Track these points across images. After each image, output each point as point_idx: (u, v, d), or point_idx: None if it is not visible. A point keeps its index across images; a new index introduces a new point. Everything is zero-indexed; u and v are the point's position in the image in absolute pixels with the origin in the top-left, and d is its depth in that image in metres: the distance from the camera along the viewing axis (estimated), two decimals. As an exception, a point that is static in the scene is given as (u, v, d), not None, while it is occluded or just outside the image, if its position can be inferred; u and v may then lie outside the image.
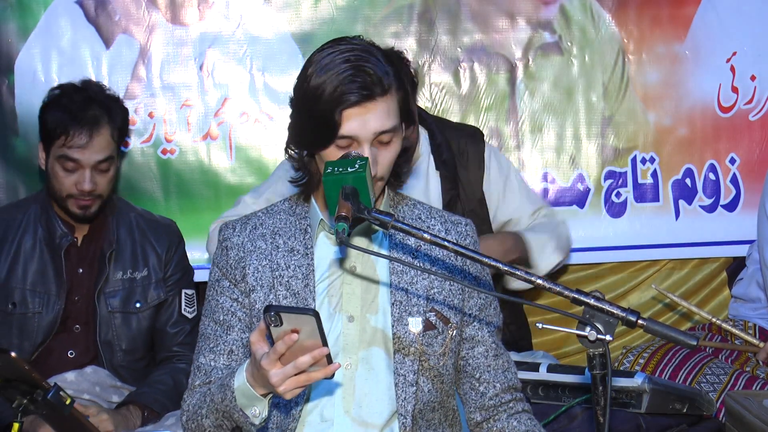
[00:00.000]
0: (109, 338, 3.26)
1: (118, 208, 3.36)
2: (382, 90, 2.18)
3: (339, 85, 2.16)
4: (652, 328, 1.80)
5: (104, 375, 3.20)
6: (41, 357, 3.22)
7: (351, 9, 4.04)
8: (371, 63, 2.19)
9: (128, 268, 3.30)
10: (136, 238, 3.33)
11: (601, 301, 1.82)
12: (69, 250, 3.27)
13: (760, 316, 3.65)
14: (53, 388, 2.37)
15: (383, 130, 2.19)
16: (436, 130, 3.47)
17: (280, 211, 2.38)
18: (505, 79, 4.10)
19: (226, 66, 4.00)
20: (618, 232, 4.14)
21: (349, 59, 2.18)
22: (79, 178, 3.18)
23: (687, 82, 4.14)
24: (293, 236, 2.33)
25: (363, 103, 2.17)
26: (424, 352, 2.27)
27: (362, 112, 2.17)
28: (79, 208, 3.21)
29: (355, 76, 2.16)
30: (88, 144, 3.16)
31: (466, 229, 2.40)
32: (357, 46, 2.22)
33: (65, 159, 3.16)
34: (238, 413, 2.11)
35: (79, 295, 3.27)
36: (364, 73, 2.17)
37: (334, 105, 2.16)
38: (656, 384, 3.00)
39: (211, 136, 4.01)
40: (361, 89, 2.16)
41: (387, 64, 2.21)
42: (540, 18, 4.09)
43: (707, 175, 4.15)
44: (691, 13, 4.13)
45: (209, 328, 2.34)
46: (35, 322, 3.22)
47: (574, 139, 4.13)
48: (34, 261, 3.24)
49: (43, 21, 3.93)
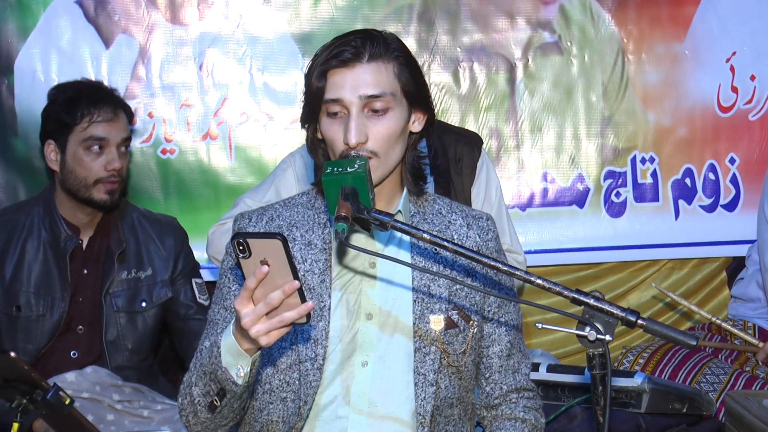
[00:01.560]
0: (115, 338, 3.26)
1: (121, 208, 3.36)
2: (370, 56, 2.17)
3: (327, 52, 2.18)
4: (652, 328, 1.80)
5: (104, 374, 3.20)
6: (43, 358, 3.22)
7: (351, 9, 4.04)
8: (363, 34, 2.19)
9: (132, 268, 3.30)
10: (140, 238, 3.34)
11: (600, 301, 1.82)
12: (74, 252, 3.27)
13: (760, 315, 3.65)
14: (53, 388, 2.37)
15: (370, 95, 2.16)
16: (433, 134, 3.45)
17: (298, 204, 2.34)
18: (504, 79, 4.10)
19: (226, 66, 4.00)
20: (618, 232, 4.14)
21: (343, 35, 2.21)
22: (107, 157, 3.19)
23: (686, 82, 4.14)
24: (311, 229, 2.30)
25: (349, 65, 2.16)
26: (445, 351, 2.25)
27: (346, 74, 2.16)
28: (107, 192, 3.20)
29: (344, 44, 2.17)
30: (114, 119, 3.19)
31: (488, 224, 2.37)
32: (359, 30, 2.24)
33: (92, 140, 3.17)
34: (222, 370, 2.04)
35: (83, 296, 3.27)
36: (353, 40, 2.18)
37: (321, 70, 2.17)
38: (656, 384, 3.00)
39: (211, 136, 4.01)
40: (346, 52, 2.16)
41: (391, 43, 2.20)
42: (540, 18, 4.09)
43: (707, 175, 4.16)
44: (691, 13, 4.13)
45: (218, 315, 2.30)
46: (40, 324, 3.22)
47: (573, 138, 4.13)
48: (38, 264, 3.24)
49: (42, 21, 3.93)
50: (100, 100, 3.18)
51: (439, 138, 3.45)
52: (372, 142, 2.17)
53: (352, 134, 2.15)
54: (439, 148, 3.42)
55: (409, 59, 2.24)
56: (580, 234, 4.10)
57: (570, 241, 4.13)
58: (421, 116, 2.29)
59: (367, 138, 2.17)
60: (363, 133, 2.16)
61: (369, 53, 2.17)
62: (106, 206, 3.23)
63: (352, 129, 2.15)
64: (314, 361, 2.22)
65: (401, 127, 2.22)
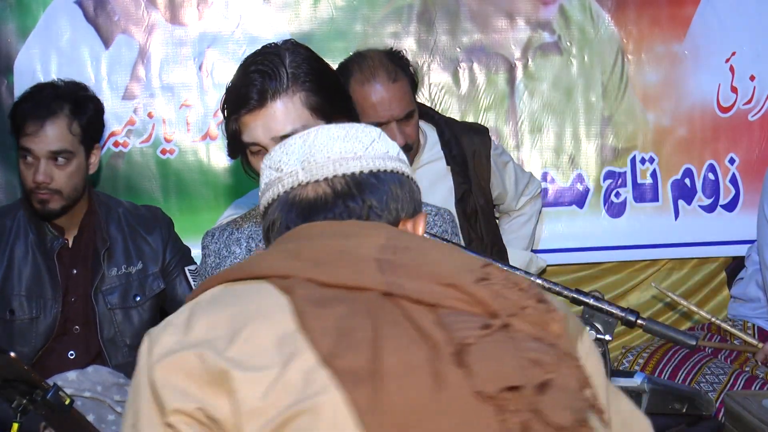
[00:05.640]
0: (112, 335, 3.26)
1: (105, 204, 3.36)
2: (272, 94, 2.15)
3: (234, 97, 2.19)
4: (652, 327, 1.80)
5: (106, 373, 3.19)
6: (41, 360, 3.22)
7: (350, 9, 4.04)
8: (263, 69, 2.17)
9: (122, 264, 3.30)
10: (127, 234, 3.33)
11: (600, 301, 1.82)
12: (61, 252, 3.27)
13: (760, 315, 3.65)
14: (52, 388, 2.37)
15: (282, 135, 2.13)
16: (444, 126, 3.50)
17: (257, 214, 2.37)
18: (504, 79, 4.10)
19: (226, 66, 3.99)
20: (617, 232, 4.14)
21: (249, 67, 2.20)
22: (34, 169, 3.18)
23: (686, 82, 4.14)
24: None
25: (255, 110, 2.15)
26: None
27: (256, 116, 2.16)
28: (38, 202, 3.20)
29: (247, 84, 2.16)
30: (39, 132, 3.16)
31: (434, 219, 2.33)
32: (262, 60, 2.20)
33: (23, 151, 3.19)
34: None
35: (75, 296, 3.27)
36: (255, 80, 2.16)
37: (232, 117, 2.19)
38: (655, 384, 3.00)
39: (211, 136, 4.01)
40: (251, 99, 2.15)
41: (297, 69, 2.17)
42: (539, 18, 4.09)
43: (706, 175, 4.15)
44: (691, 13, 4.12)
45: None
46: (34, 327, 3.22)
47: (573, 139, 4.13)
48: (28, 266, 3.24)
49: (42, 21, 3.93)
50: (33, 111, 3.17)
51: (450, 129, 3.50)
52: None
53: None
54: (452, 139, 3.46)
55: (320, 78, 2.21)
56: (579, 234, 4.10)
57: (570, 241, 4.13)
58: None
59: None
60: None
61: (272, 92, 2.15)
62: (45, 215, 3.23)
63: None
64: None
65: None
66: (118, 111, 3.95)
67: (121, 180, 3.92)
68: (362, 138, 1.49)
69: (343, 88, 2.29)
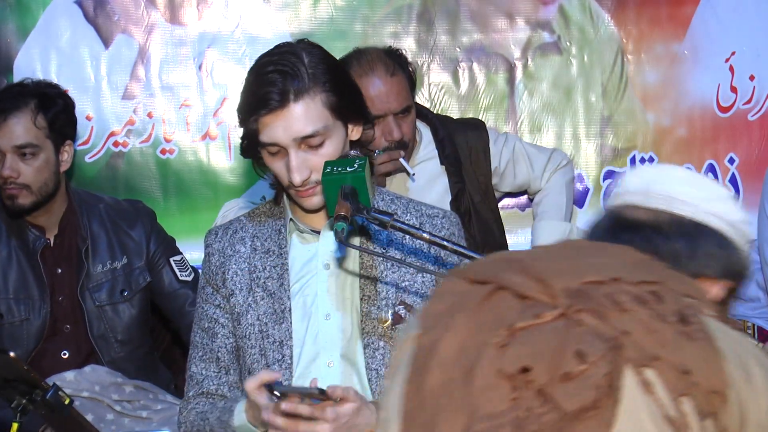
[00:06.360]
0: (102, 332, 3.26)
1: (86, 202, 3.35)
2: (296, 95, 2.16)
3: (253, 98, 2.20)
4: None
5: (103, 373, 3.19)
6: (35, 361, 3.21)
7: (350, 9, 4.04)
8: (283, 69, 2.18)
9: (107, 260, 3.29)
10: (110, 229, 3.32)
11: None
12: (44, 252, 3.26)
13: (760, 315, 3.65)
14: (52, 388, 2.37)
15: (304, 136, 2.17)
16: (439, 125, 3.50)
17: (261, 213, 2.39)
18: (504, 79, 4.10)
19: (225, 66, 4.00)
20: (617, 232, 4.14)
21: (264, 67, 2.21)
22: (1, 164, 3.17)
23: (686, 81, 4.14)
24: (269, 237, 2.34)
25: (277, 110, 2.16)
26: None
27: (277, 117, 2.17)
28: (7, 198, 3.19)
29: (268, 84, 2.17)
30: (2, 127, 3.16)
31: (442, 222, 2.35)
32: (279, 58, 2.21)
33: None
34: None
35: (62, 295, 3.26)
36: (276, 80, 2.17)
37: (251, 117, 2.20)
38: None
39: (210, 136, 4.01)
40: (272, 99, 2.16)
41: (316, 69, 2.18)
42: (539, 18, 4.09)
43: (706, 175, 4.16)
44: (690, 12, 4.12)
45: (197, 336, 2.37)
46: (24, 329, 3.22)
47: (573, 138, 4.13)
48: (13, 269, 3.24)
49: (42, 21, 3.93)
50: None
51: (444, 128, 3.49)
52: (315, 174, 2.19)
53: (295, 175, 2.18)
54: (446, 138, 3.46)
55: (337, 78, 2.23)
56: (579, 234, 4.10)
57: (569, 241, 4.13)
58: (359, 125, 2.29)
59: (311, 172, 2.19)
60: (305, 170, 2.19)
61: (294, 92, 2.16)
62: (15, 211, 3.22)
63: (294, 170, 2.18)
64: (282, 362, 2.25)
65: (340, 148, 2.23)
66: (117, 111, 3.96)
67: (120, 180, 3.93)
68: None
69: (356, 86, 2.31)
